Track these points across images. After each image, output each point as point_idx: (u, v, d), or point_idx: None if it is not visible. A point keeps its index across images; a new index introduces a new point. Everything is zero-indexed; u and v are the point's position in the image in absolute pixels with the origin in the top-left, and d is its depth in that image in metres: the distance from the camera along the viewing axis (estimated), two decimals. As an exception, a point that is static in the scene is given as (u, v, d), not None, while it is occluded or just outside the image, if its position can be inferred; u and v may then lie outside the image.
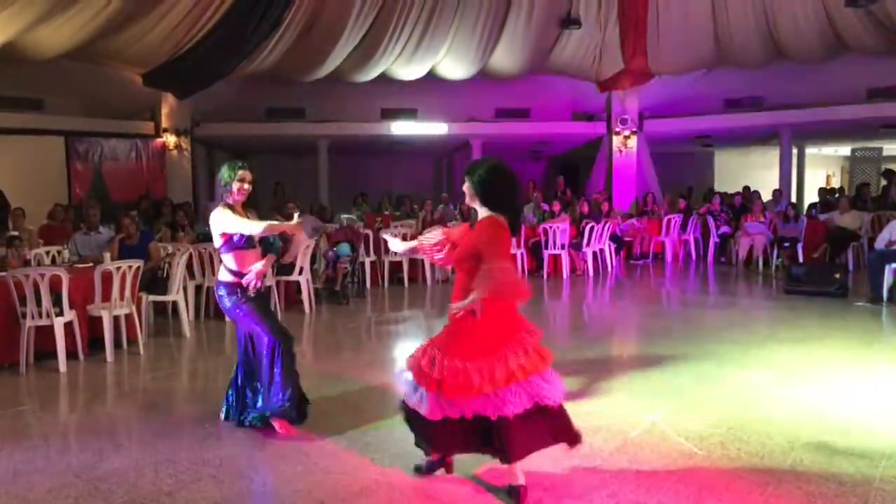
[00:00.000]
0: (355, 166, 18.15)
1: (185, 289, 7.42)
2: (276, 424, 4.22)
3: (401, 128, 16.05)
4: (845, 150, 22.71)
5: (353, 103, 15.91)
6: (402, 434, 4.04)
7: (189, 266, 7.68)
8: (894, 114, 14.32)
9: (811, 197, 17.11)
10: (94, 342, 6.40)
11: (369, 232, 10.39)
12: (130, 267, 6.26)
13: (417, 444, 3.54)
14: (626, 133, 16.35)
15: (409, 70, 14.93)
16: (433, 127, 16.24)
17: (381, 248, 10.36)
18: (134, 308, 6.44)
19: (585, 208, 12.14)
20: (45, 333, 5.90)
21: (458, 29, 13.56)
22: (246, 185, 4.22)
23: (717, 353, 6.01)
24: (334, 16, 12.18)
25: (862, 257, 11.66)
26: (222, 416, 4.47)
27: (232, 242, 4.19)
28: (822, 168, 22.65)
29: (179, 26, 11.29)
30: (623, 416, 4.43)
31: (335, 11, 12.13)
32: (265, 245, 4.42)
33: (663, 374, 5.42)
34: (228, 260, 4.25)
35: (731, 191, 15.61)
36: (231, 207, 4.18)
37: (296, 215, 4.23)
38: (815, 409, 4.54)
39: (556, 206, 11.49)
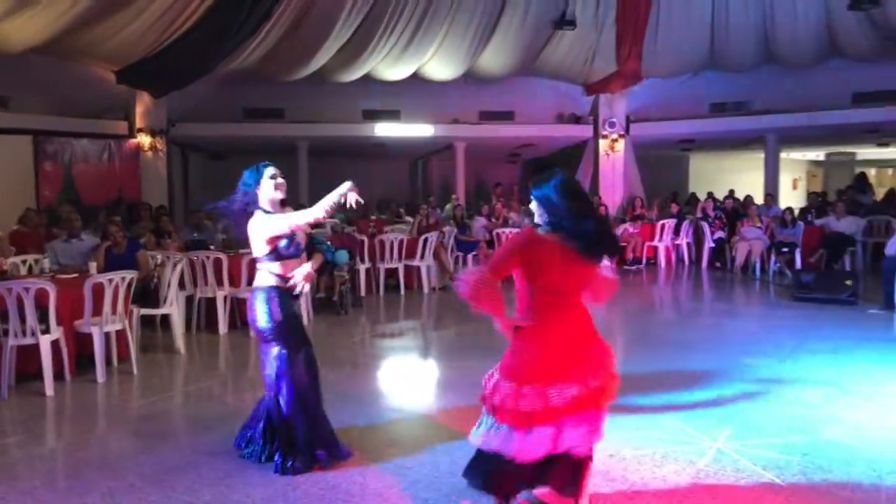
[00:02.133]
0: (334, 169, 17.63)
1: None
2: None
3: (385, 129, 15.64)
4: (813, 154, 22.97)
5: (334, 104, 15.47)
6: (449, 468, 3.69)
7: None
8: (879, 119, 14.42)
9: (785, 201, 17.09)
10: (81, 361, 5.86)
11: (364, 238, 9.94)
12: (124, 279, 5.72)
13: (475, 486, 3.07)
14: (614, 136, 16.17)
15: (393, 71, 14.52)
16: (418, 129, 15.86)
17: (376, 254, 9.92)
18: (126, 323, 5.90)
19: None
20: (28, 353, 5.36)
21: (451, 28, 13.19)
22: (280, 179, 3.79)
23: (753, 368, 5.73)
24: (325, 12, 11.68)
25: (856, 262, 11.64)
26: (239, 445, 3.98)
27: (278, 251, 3.72)
28: (790, 172, 22.79)
29: (159, 21, 10.67)
30: (682, 442, 4.09)
31: (326, 7, 11.63)
32: (313, 245, 4.04)
33: (708, 393, 5.10)
34: (274, 268, 3.77)
35: (705, 194, 15.57)
36: (268, 212, 3.74)
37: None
38: (884, 430, 4.27)
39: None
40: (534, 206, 3.02)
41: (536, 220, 3.04)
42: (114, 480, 3.72)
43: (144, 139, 13.76)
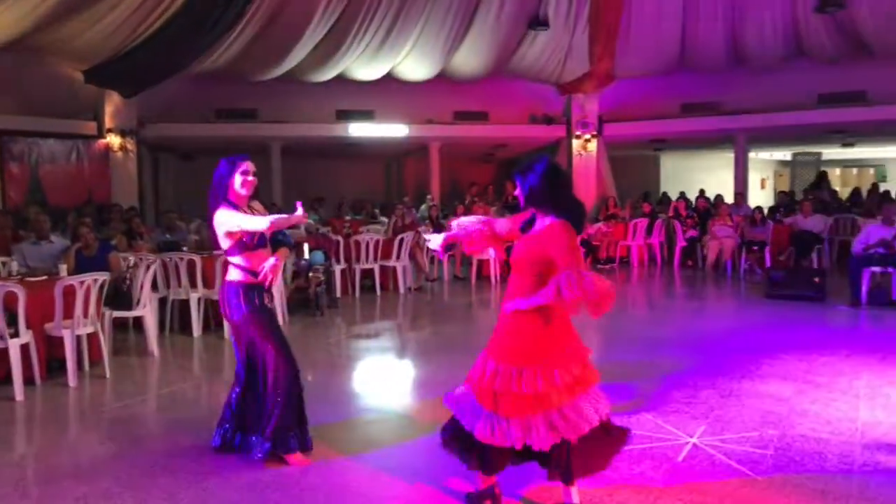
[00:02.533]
0: (307, 169, 17.55)
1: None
2: (289, 459, 3.79)
3: (359, 129, 15.59)
4: (780, 154, 23.40)
5: (308, 104, 15.40)
6: (428, 466, 3.71)
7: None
8: (844, 119, 14.74)
9: (753, 200, 17.38)
10: (52, 365, 5.75)
11: (339, 239, 9.89)
12: (96, 281, 5.63)
13: (465, 462, 3.19)
14: (587, 136, 16.30)
15: (367, 70, 14.49)
16: (392, 129, 15.84)
17: (351, 255, 9.88)
18: (99, 325, 5.81)
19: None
20: (-3, 357, 5.24)
21: (425, 27, 13.19)
22: (250, 178, 3.80)
23: (728, 364, 5.82)
24: (298, 11, 11.60)
25: (823, 259, 11.86)
26: (216, 443, 3.98)
27: (241, 243, 3.76)
28: (758, 172, 23.18)
29: (128, 20, 10.53)
30: (658, 438, 4.14)
31: (299, 6, 11.55)
32: (275, 241, 4.04)
33: (683, 389, 5.16)
34: (239, 261, 3.81)
35: (675, 193, 15.79)
36: (234, 205, 3.75)
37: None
38: (854, 423, 4.36)
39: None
40: (518, 192, 3.14)
41: (523, 205, 3.15)
42: (88, 485, 3.66)
43: (114, 140, 13.54)
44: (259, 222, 3.67)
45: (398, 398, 5.42)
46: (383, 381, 5.96)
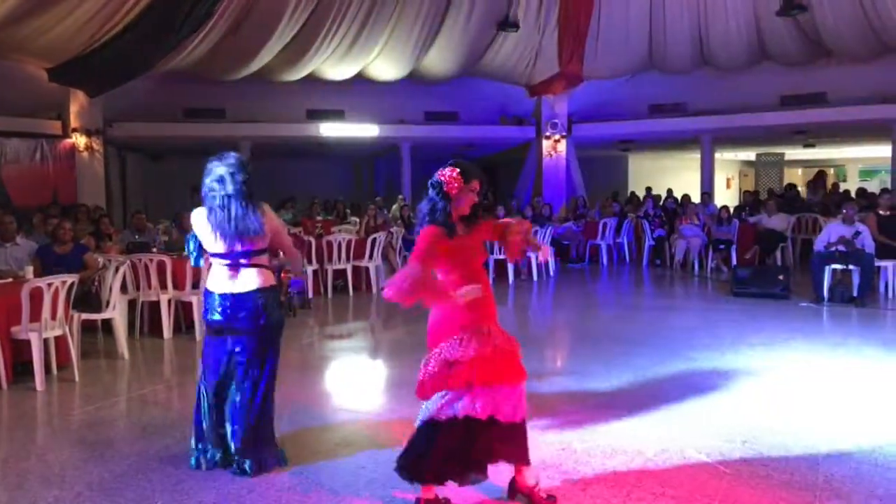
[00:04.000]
0: (278, 169, 17.43)
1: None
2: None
3: (330, 129, 15.54)
4: (745, 154, 23.87)
5: (277, 103, 15.30)
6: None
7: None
8: (805, 120, 15.11)
9: (719, 200, 17.69)
10: (19, 369, 5.64)
11: (311, 239, 9.85)
12: (64, 283, 5.54)
13: (409, 476, 3.20)
14: (556, 137, 16.45)
15: (338, 70, 14.45)
16: (363, 129, 15.82)
17: (323, 255, 9.85)
18: (67, 328, 5.72)
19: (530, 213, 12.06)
20: (-39, 361, 5.14)
21: (396, 27, 13.20)
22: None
23: (697, 361, 5.94)
24: (268, 10, 11.52)
25: (787, 257, 12.14)
26: (192, 463, 3.82)
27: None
28: (723, 172, 23.60)
29: (94, 18, 10.35)
30: (631, 435, 4.21)
31: (269, 5, 11.47)
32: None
33: (652, 386, 5.27)
34: (264, 261, 3.74)
35: (642, 193, 16.02)
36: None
37: None
38: (818, 415, 4.50)
39: (501, 211, 11.31)
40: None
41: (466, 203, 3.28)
42: (60, 490, 3.61)
43: (80, 139, 13.30)
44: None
45: (372, 398, 5.43)
46: (357, 381, 5.97)
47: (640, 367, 5.77)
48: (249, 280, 3.65)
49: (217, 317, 3.70)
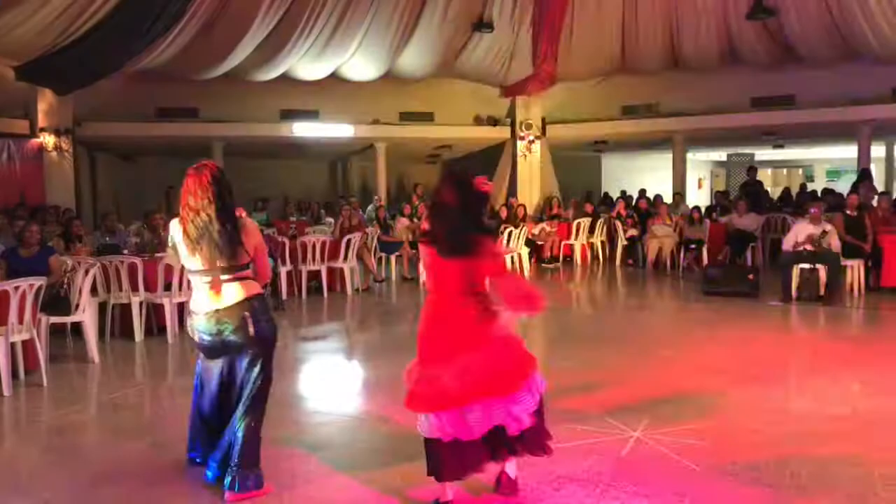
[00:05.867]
0: (251, 169, 17.28)
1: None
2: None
3: (304, 129, 15.44)
4: (715, 155, 24.21)
5: (251, 103, 15.16)
6: (381, 467, 3.74)
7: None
8: (774, 121, 15.38)
9: (690, 200, 17.93)
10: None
11: (285, 240, 9.79)
12: (32, 286, 5.45)
13: (431, 473, 3.25)
14: (531, 138, 16.52)
15: (312, 69, 14.36)
16: (337, 129, 15.75)
17: (297, 257, 9.80)
18: (35, 332, 5.62)
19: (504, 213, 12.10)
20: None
21: (371, 26, 13.16)
22: None
23: (668, 360, 6.02)
24: (241, 9, 11.41)
25: (756, 257, 12.33)
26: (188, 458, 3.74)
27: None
28: (694, 172, 23.87)
29: (63, 15, 10.17)
30: (604, 434, 4.26)
31: (242, 4, 11.36)
32: None
33: (626, 384, 5.33)
34: (251, 272, 3.57)
35: (616, 193, 16.19)
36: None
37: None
38: (785, 413, 4.58)
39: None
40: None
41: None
42: (27, 498, 3.56)
43: (48, 139, 13.05)
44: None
45: (347, 400, 5.42)
46: (332, 382, 5.95)
47: (612, 366, 5.84)
48: (233, 293, 3.45)
49: (207, 337, 3.49)
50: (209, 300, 3.45)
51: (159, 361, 6.67)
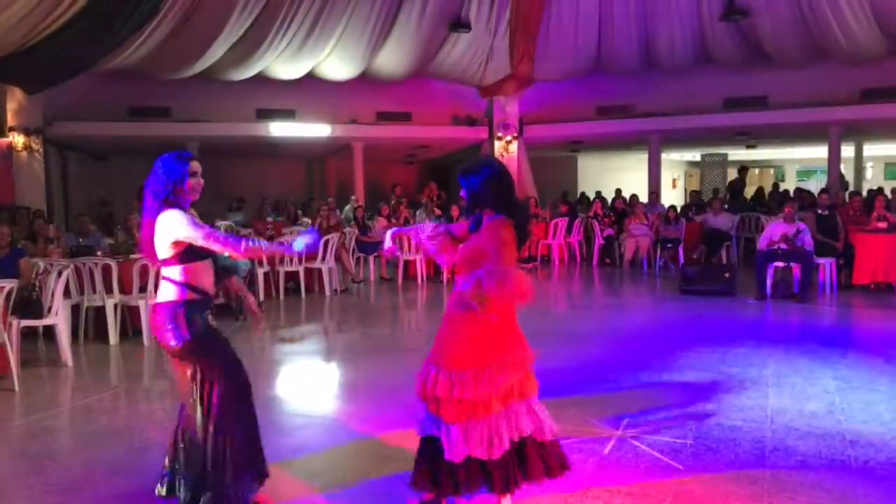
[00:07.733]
0: (227, 170, 17.11)
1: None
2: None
3: (280, 129, 15.33)
4: (689, 155, 24.51)
5: (226, 103, 15.05)
6: (360, 470, 3.71)
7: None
8: (747, 122, 15.61)
9: (665, 200, 18.09)
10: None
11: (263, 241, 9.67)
12: (2, 288, 5.33)
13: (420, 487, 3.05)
14: (508, 138, 16.57)
15: (288, 69, 14.27)
16: (314, 129, 15.66)
17: (274, 258, 9.70)
18: (5, 336, 5.50)
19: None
20: None
21: (348, 25, 13.09)
22: (199, 179, 3.21)
23: (646, 358, 6.05)
24: (217, 7, 11.28)
25: (731, 256, 12.48)
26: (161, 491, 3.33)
27: (185, 253, 3.12)
28: (669, 172, 24.12)
29: (32, 13, 9.96)
30: (585, 433, 4.27)
31: (217, 1, 11.23)
32: (223, 267, 3.41)
33: (605, 384, 5.35)
34: (175, 273, 3.16)
35: (592, 193, 16.30)
36: (182, 209, 3.13)
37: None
38: (764, 410, 4.63)
39: (455, 211, 11.34)
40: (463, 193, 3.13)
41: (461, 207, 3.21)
42: (1, 506, 3.48)
43: (17, 138, 12.81)
44: (226, 245, 3.06)
45: (326, 402, 5.37)
46: (310, 384, 5.89)
47: (591, 366, 5.86)
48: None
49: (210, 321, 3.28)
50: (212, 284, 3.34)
51: (134, 365, 6.56)
